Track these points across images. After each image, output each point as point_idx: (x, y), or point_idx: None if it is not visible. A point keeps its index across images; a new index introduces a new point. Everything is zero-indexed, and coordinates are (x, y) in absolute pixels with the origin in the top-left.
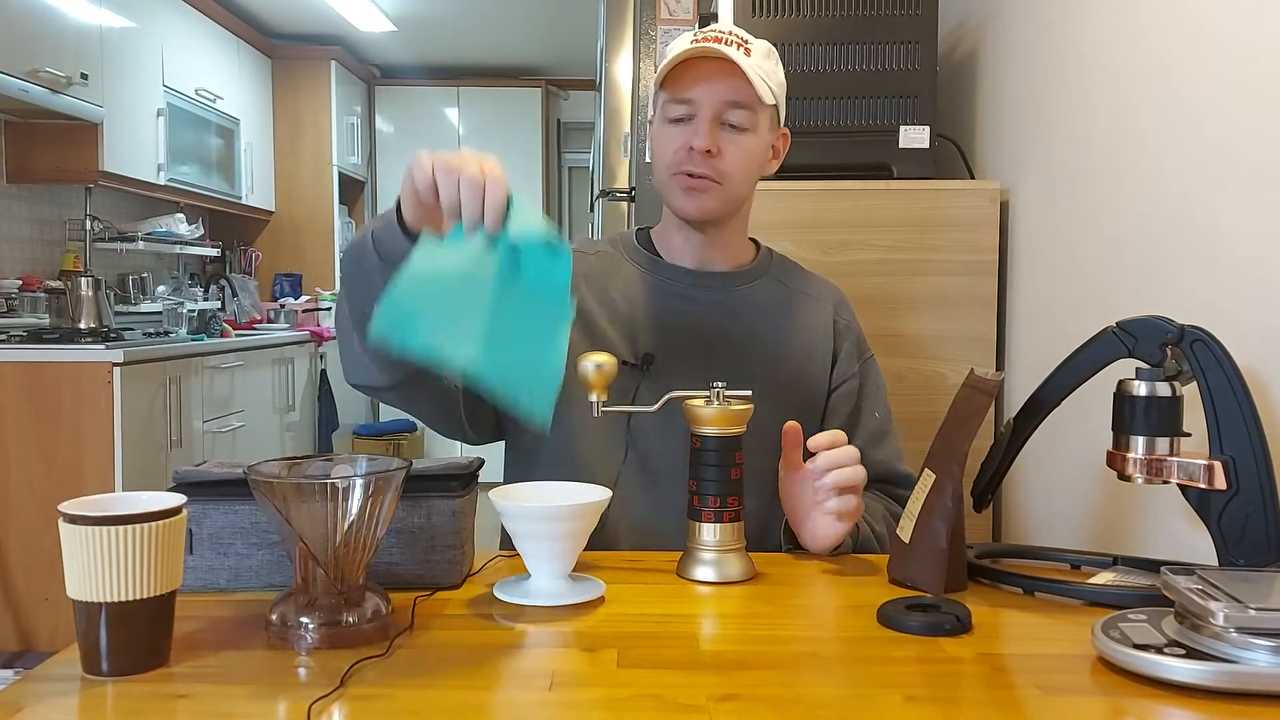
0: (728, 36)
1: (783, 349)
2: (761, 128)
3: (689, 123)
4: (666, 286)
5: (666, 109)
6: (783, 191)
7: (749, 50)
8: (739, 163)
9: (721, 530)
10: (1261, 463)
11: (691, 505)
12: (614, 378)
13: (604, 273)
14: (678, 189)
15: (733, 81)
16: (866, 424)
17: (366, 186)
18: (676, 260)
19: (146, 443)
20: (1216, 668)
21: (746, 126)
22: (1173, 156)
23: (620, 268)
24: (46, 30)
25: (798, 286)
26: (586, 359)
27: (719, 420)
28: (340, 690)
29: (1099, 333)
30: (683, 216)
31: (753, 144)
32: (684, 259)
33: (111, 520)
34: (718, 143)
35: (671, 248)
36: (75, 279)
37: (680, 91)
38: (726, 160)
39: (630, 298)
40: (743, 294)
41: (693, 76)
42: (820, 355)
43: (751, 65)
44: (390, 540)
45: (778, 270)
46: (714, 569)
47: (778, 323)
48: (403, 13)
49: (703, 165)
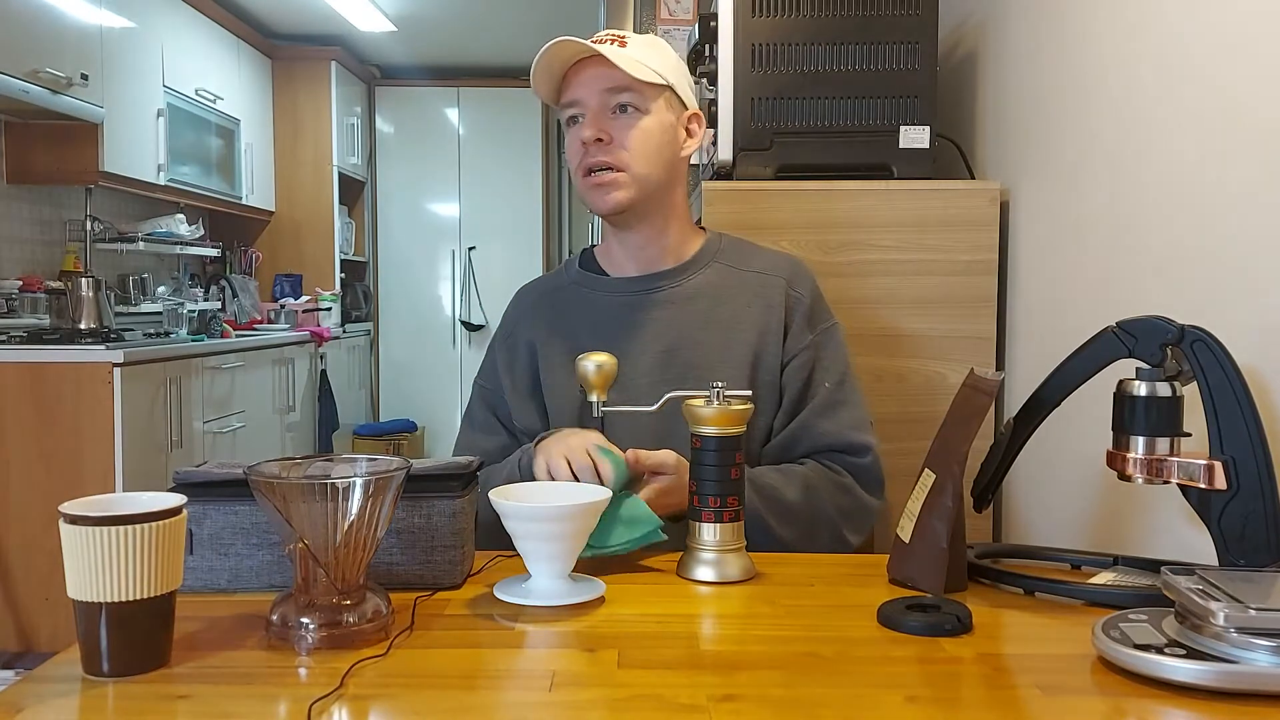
0: (603, 37)
1: (737, 333)
2: (657, 108)
3: (579, 124)
4: (614, 300)
5: (563, 115)
6: (783, 191)
7: (623, 42)
8: (636, 143)
9: (721, 530)
10: (1261, 463)
11: (691, 505)
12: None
13: (551, 314)
14: (588, 189)
15: (608, 71)
16: (817, 395)
17: (366, 186)
18: (621, 271)
19: (146, 443)
20: (1217, 668)
21: (635, 106)
22: (1173, 156)
23: (568, 299)
24: (46, 30)
25: (748, 267)
26: (587, 359)
27: (718, 420)
28: (340, 690)
29: (1099, 333)
30: (600, 215)
31: (648, 123)
32: (627, 267)
33: (111, 520)
34: (606, 129)
35: (613, 260)
36: (75, 279)
37: (565, 96)
38: (622, 146)
39: (583, 324)
40: (690, 286)
41: (572, 81)
42: (774, 331)
43: (622, 54)
44: (390, 540)
45: (727, 255)
46: (714, 569)
47: (729, 307)
48: (403, 13)
49: (598, 153)
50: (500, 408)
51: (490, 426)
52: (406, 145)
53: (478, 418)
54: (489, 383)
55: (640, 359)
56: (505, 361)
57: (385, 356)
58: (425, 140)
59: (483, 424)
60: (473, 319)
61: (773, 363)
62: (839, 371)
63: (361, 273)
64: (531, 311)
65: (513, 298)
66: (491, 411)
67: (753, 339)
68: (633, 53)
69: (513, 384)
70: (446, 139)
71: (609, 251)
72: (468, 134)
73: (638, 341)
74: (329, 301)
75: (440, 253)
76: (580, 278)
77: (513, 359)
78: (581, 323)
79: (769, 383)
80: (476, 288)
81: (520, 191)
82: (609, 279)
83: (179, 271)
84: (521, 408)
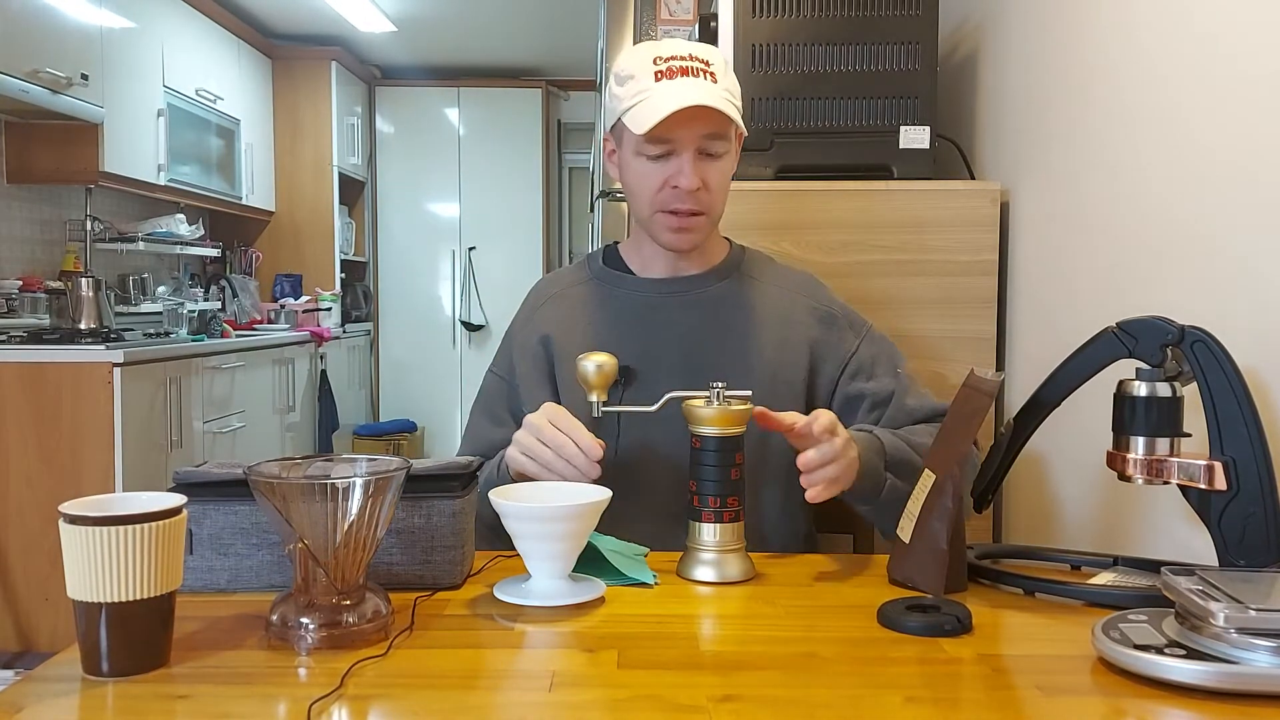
0: (691, 64)
1: (757, 341)
2: (733, 145)
3: (667, 159)
4: (639, 299)
5: (641, 146)
6: (783, 192)
7: (714, 75)
8: (721, 188)
9: (721, 530)
10: (1262, 463)
11: (691, 505)
12: (614, 378)
13: (571, 308)
14: (664, 228)
15: (708, 115)
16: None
17: (366, 187)
18: (649, 270)
19: (146, 443)
20: (1217, 668)
21: (724, 152)
22: (1173, 156)
23: (590, 294)
24: (46, 30)
25: (769, 279)
26: (587, 359)
27: (719, 420)
28: (340, 690)
29: (1099, 333)
30: (673, 250)
31: (729, 165)
32: (656, 268)
33: (111, 520)
34: (703, 176)
35: (644, 258)
36: (75, 279)
37: (658, 133)
38: (711, 190)
39: (604, 320)
40: (715, 292)
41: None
42: (795, 344)
43: (720, 94)
44: (390, 540)
45: (750, 266)
46: (714, 569)
47: (751, 315)
48: (403, 13)
49: (689, 201)
50: (511, 399)
51: (498, 418)
52: (406, 145)
53: (488, 406)
54: (502, 371)
55: (662, 358)
56: (520, 351)
57: (385, 356)
58: (425, 140)
59: (492, 414)
60: (473, 319)
61: (790, 373)
62: (898, 357)
63: (361, 273)
64: (551, 304)
65: (532, 289)
66: (501, 401)
67: (771, 347)
68: (723, 87)
69: (526, 374)
70: (446, 139)
71: (639, 251)
72: (468, 134)
73: (660, 341)
74: (329, 301)
75: (440, 253)
76: (604, 274)
77: (527, 349)
78: (603, 318)
79: (786, 391)
80: (476, 288)
81: (520, 191)
82: (635, 278)
83: (179, 271)
84: (532, 399)
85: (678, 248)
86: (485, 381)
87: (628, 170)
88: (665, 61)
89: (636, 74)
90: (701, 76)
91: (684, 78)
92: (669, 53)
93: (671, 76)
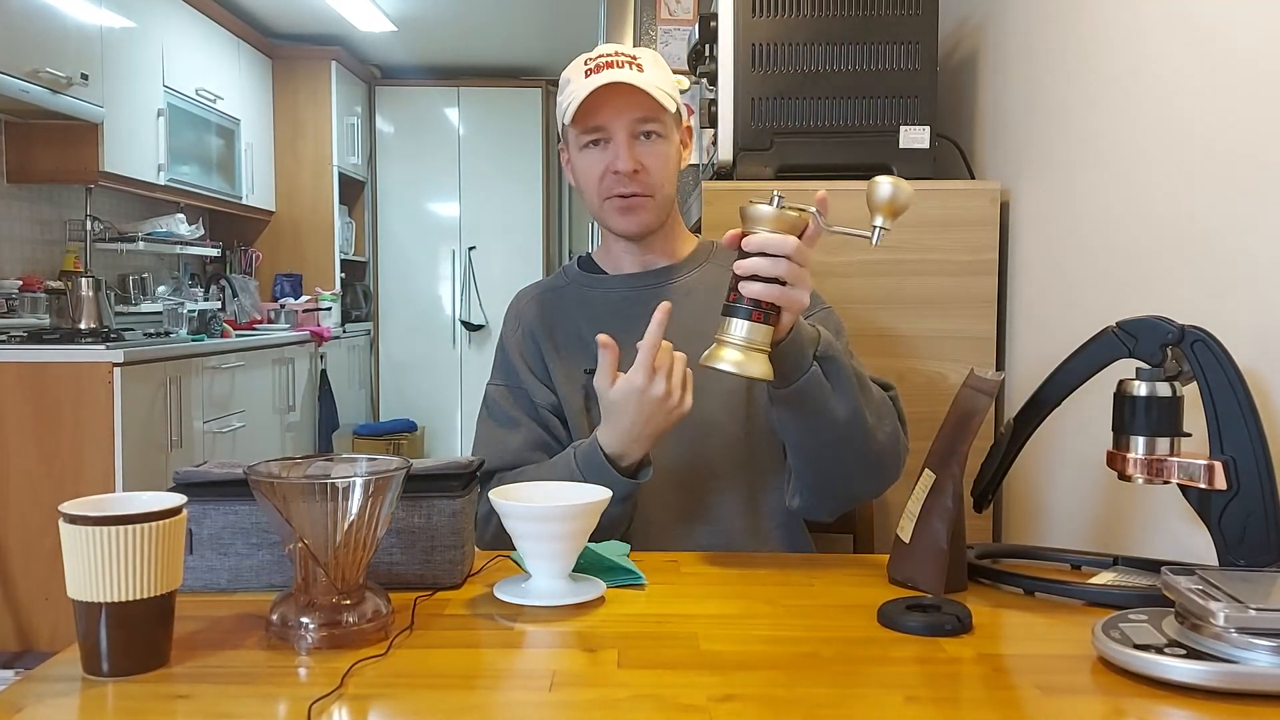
0: (616, 59)
1: None
2: (671, 130)
3: (604, 146)
4: (614, 295)
5: (579, 139)
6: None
7: (640, 67)
8: (661, 170)
9: (752, 328)
10: (1262, 463)
11: (728, 301)
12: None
13: (553, 308)
14: (612, 212)
15: (634, 98)
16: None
17: (366, 186)
18: (621, 268)
19: (146, 443)
20: (1217, 668)
21: (659, 133)
22: (1173, 156)
23: (569, 295)
24: (46, 30)
25: None
26: (882, 181)
27: (775, 223)
28: (340, 690)
29: (1099, 333)
30: (624, 236)
31: (668, 148)
32: (626, 265)
33: (111, 520)
34: (638, 159)
35: (614, 258)
36: (75, 279)
37: (589, 121)
38: (650, 172)
39: (585, 316)
40: (686, 282)
41: (597, 106)
42: None
43: (647, 80)
44: (390, 540)
45: (720, 256)
46: (736, 364)
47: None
48: (403, 13)
49: (630, 184)
50: (520, 400)
51: (511, 421)
52: (406, 145)
53: (496, 414)
54: (504, 379)
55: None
56: (517, 350)
57: (385, 356)
58: (425, 140)
59: (503, 420)
60: (473, 319)
61: None
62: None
63: (361, 273)
64: (532, 306)
65: (513, 299)
66: (512, 406)
67: None
68: (650, 77)
69: (528, 368)
70: (446, 139)
71: (608, 252)
72: (468, 134)
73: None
74: (329, 301)
75: (440, 253)
76: (580, 277)
77: (523, 347)
78: (582, 316)
79: None
80: (476, 288)
81: (520, 191)
82: (608, 277)
83: (179, 271)
84: (538, 389)
85: (628, 231)
86: (488, 395)
87: (576, 169)
88: (594, 60)
89: (572, 78)
90: (627, 68)
91: (609, 70)
92: (598, 53)
93: (598, 70)
